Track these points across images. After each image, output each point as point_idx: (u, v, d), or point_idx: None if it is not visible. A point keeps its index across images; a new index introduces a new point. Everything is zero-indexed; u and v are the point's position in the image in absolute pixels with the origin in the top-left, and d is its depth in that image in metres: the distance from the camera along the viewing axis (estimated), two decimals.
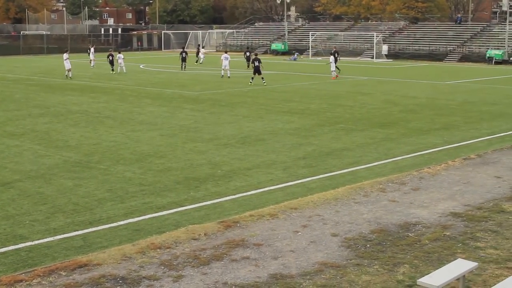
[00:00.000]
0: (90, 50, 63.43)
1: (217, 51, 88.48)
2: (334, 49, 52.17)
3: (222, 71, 47.91)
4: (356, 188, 15.15)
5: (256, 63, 41.93)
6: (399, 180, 15.95)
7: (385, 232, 11.86)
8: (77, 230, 12.16)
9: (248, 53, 58.58)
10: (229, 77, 46.41)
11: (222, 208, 13.74)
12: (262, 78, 41.42)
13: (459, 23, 79.86)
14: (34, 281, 9.62)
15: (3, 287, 9.35)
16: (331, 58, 47.24)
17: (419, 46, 74.95)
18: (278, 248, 11.01)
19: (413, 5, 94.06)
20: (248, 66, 54.46)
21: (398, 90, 38.53)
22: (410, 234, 11.76)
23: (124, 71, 51.89)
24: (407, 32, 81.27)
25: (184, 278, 9.69)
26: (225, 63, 47.11)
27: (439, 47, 73.40)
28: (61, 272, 9.94)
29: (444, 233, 11.83)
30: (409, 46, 75.93)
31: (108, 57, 53.79)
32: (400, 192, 14.80)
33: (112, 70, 52.08)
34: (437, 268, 9.27)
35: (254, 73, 41.82)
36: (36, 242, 11.48)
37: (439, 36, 76.53)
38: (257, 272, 9.92)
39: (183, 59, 55.82)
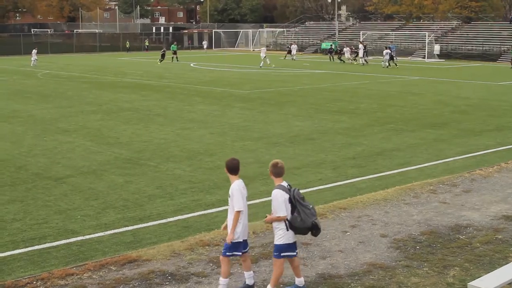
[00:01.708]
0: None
1: (267, 50, 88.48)
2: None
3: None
4: (406, 189, 14.98)
5: None
6: (450, 181, 15.73)
7: (435, 234, 11.70)
8: (127, 226, 12.31)
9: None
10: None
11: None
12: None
13: None
14: (85, 275, 9.77)
15: (54, 280, 9.52)
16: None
17: (472, 46, 73.83)
18: (327, 248, 10.97)
19: (466, 4, 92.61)
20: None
21: (449, 90, 38.01)
22: (461, 237, 11.58)
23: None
24: (460, 32, 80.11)
25: (232, 276, 9.70)
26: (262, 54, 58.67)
27: (493, 47, 72.16)
28: (111, 267, 10.07)
29: (496, 236, 11.62)
30: (461, 46, 74.84)
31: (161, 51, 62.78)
32: (451, 194, 14.59)
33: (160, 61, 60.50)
34: (488, 272, 9.13)
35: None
36: (87, 236, 11.67)
37: (493, 36, 75.23)
38: (305, 271, 9.89)
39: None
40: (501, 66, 60.48)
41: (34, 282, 9.44)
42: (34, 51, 61.22)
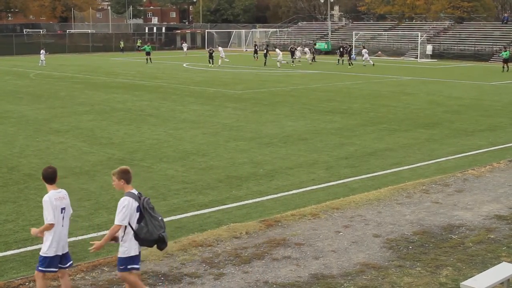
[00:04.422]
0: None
1: (260, 50, 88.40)
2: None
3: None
4: (399, 189, 15.01)
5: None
6: (442, 181, 15.76)
7: (428, 234, 11.73)
8: None
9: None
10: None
11: (264, 207, 13.76)
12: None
13: (506, 23, 78.45)
14: (77, 276, 9.76)
15: (47, 281, 9.48)
16: None
17: (464, 46, 73.96)
18: (320, 248, 10.98)
19: (459, 4, 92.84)
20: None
21: (442, 90, 38.09)
22: (454, 236, 11.61)
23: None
24: (452, 32, 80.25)
25: (225, 276, 9.72)
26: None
27: (485, 47, 72.33)
28: (104, 268, 10.06)
29: (488, 236, 11.66)
30: (454, 46, 74.98)
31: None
32: (443, 194, 14.63)
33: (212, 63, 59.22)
34: (481, 271, 9.16)
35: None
36: (80, 237, 11.64)
37: (485, 36, 75.39)
38: (298, 271, 9.91)
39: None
40: (493, 66, 60.62)
41: (27, 284, 9.42)
42: (43, 51, 61.28)
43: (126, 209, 8.24)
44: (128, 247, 8.36)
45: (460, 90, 38.21)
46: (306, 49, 68.23)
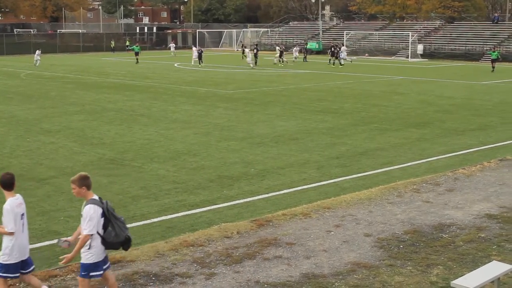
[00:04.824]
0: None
1: (251, 49, 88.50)
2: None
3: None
4: (390, 188, 15.04)
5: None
6: (433, 180, 15.80)
7: (419, 233, 11.75)
8: None
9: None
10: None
11: (255, 206, 13.76)
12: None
13: (496, 23, 78.80)
14: (68, 276, 9.74)
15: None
16: None
17: (455, 46, 74.19)
18: (311, 248, 10.99)
19: (449, 4, 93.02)
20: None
21: (433, 90, 38.18)
22: (444, 236, 11.64)
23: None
24: (443, 32, 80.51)
25: (216, 276, 9.71)
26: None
27: (476, 47, 72.57)
28: None
29: (479, 234, 11.69)
30: (445, 45, 75.22)
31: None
32: (434, 193, 14.66)
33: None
34: (472, 270, 9.17)
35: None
36: (71, 238, 11.57)
37: (476, 35, 75.65)
38: (289, 271, 9.91)
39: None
40: (484, 66, 60.79)
41: (17, 284, 9.37)
42: (38, 51, 61.12)
43: (93, 218, 8.09)
44: (94, 253, 8.21)
45: (451, 90, 38.32)
46: (295, 49, 68.30)
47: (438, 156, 19.06)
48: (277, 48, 64.86)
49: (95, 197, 8.32)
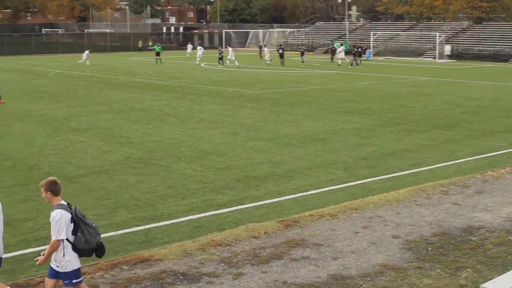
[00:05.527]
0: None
1: (277, 49, 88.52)
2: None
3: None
4: (418, 190, 14.94)
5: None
6: (462, 182, 15.68)
7: (448, 236, 11.67)
8: (139, 226, 12.34)
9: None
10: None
11: (282, 207, 13.75)
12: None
13: None
14: (97, 274, 9.80)
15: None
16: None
17: (483, 47, 73.53)
18: (338, 249, 10.95)
19: (477, 4, 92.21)
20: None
21: (460, 91, 37.89)
22: (473, 238, 11.54)
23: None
24: (471, 32, 79.80)
25: (243, 276, 9.72)
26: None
27: (504, 47, 71.85)
28: (123, 266, 10.09)
29: (508, 237, 11.57)
30: (472, 46, 74.55)
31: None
32: (463, 195, 14.54)
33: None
34: (501, 274, 9.08)
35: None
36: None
37: (504, 36, 74.87)
38: (316, 272, 9.89)
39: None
40: None
41: None
42: (87, 51, 62.58)
43: (60, 222, 7.94)
44: (69, 260, 8.06)
45: (479, 91, 37.98)
46: (341, 48, 67.32)
47: (467, 158, 18.91)
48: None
49: (63, 202, 8.14)
